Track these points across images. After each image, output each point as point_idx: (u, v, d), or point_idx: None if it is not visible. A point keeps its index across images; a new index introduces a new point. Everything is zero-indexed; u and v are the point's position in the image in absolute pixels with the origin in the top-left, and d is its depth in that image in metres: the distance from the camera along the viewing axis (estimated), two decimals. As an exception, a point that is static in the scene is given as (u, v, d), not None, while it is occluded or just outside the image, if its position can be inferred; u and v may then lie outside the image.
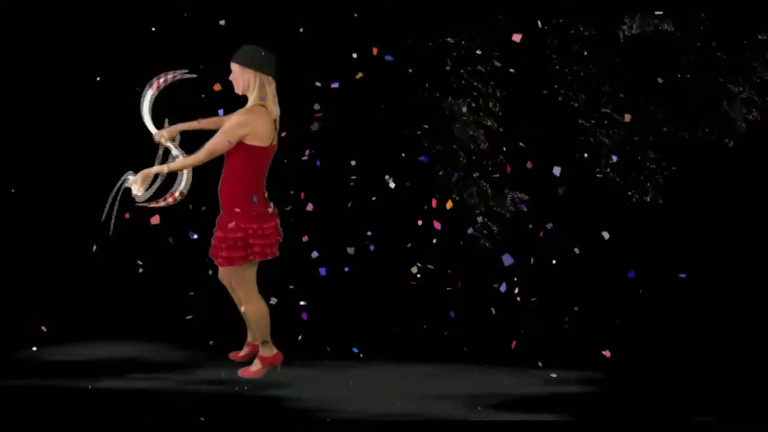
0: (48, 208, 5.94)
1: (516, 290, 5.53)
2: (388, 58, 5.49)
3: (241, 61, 4.70)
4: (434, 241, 5.83)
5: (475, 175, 6.16)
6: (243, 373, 4.92)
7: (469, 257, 6.01)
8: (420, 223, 5.76)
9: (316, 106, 5.21)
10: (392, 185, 5.65)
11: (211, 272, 5.02)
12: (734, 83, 5.95)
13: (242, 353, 5.13)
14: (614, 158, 6.09)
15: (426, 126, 6.15)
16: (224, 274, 4.96)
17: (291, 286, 5.37)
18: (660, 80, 6.04)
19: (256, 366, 4.92)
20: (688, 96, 6.05)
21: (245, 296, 4.82)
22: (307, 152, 5.43)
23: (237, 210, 4.66)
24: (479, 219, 6.08)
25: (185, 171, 4.83)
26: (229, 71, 4.74)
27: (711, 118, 6.00)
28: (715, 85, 6.00)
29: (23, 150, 5.93)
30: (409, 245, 5.89)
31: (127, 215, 4.88)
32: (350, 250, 5.37)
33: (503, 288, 5.35)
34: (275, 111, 4.74)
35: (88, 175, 5.51)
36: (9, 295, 5.68)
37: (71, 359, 5.14)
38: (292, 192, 5.27)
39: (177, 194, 4.80)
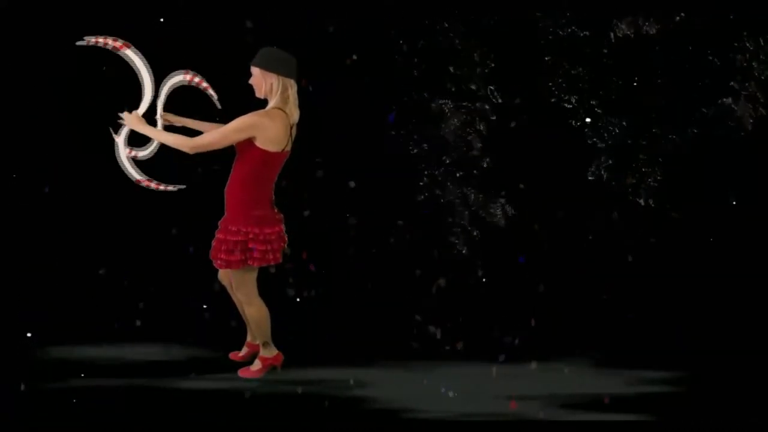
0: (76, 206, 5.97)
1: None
2: (391, 118, 5.59)
3: (262, 64, 4.60)
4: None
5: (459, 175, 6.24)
6: (243, 372, 4.93)
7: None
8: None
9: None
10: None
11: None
12: (738, 81, 6.03)
13: (242, 353, 5.15)
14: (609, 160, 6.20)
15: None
16: (224, 274, 4.98)
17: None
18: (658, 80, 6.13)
19: (256, 366, 4.93)
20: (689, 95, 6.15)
21: (246, 299, 4.81)
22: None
23: (239, 213, 4.63)
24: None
25: (154, 144, 4.87)
26: (249, 75, 4.66)
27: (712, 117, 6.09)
28: (717, 84, 6.08)
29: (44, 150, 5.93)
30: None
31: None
32: None
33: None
34: (295, 115, 4.66)
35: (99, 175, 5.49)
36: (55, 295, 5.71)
37: (154, 359, 5.14)
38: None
39: (133, 154, 4.86)
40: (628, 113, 6.13)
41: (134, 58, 4.79)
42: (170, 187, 4.94)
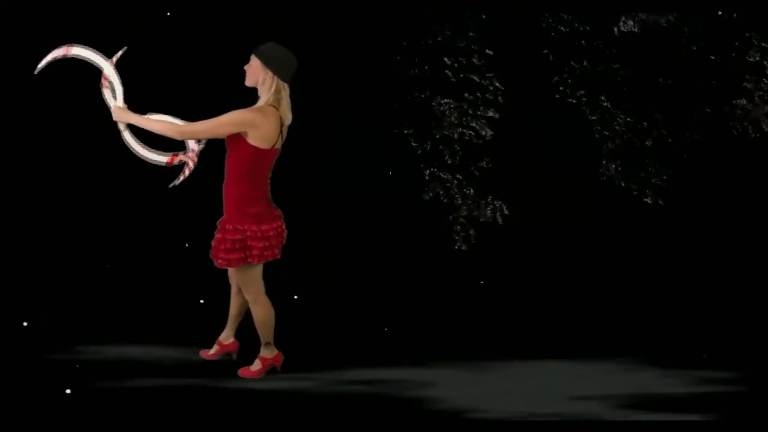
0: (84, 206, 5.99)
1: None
2: None
3: (264, 58, 4.57)
4: None
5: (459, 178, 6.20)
6: (243, 372, 4.91)
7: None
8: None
9: None
10: None
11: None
12: (749, 80, 5.95)
13: (212, 351, 5.10)
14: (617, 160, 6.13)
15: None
16: (232, 274, 4.95)
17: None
18: (665, 82, 6.06)
19: (256, 366, 4.92)
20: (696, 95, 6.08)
21: (253, 297, 4.80)
22: None
23: (235, 211, 4.62)
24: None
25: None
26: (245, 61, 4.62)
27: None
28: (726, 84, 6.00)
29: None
30: None
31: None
32: None
33: None
34: (289, 117, 4.66)
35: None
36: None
37: (154, 359, 5.14)
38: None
39: (191, 152, 4.77)
40: (636, 111, 6.06)
41: (84, 53, 4.64)
42: (194, 150, 4.75)
